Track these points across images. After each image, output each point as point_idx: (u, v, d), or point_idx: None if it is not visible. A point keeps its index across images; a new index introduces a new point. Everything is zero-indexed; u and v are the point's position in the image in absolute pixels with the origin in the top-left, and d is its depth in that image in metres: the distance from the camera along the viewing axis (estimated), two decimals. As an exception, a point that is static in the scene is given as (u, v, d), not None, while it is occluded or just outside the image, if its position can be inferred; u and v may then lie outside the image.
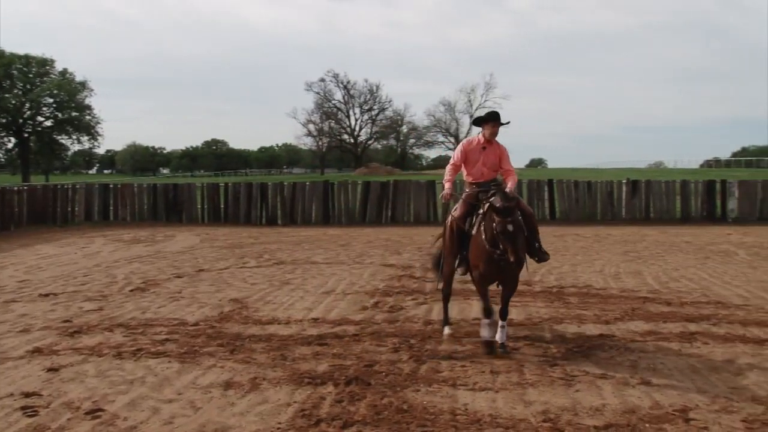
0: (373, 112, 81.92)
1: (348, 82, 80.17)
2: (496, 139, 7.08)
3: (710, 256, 13.82)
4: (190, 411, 5.06)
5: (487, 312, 6.62)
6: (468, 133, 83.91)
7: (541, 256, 6.79)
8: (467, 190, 7.09)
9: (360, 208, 23.39)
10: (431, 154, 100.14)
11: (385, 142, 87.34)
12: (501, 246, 6.12)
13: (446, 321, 7.38)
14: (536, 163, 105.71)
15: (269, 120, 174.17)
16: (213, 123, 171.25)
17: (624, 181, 23.27)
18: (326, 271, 12.05)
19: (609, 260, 13.19)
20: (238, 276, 11.47)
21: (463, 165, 7.18)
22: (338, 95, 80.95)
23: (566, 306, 8.75)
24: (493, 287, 6.84)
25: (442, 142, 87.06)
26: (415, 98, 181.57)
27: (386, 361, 6.25)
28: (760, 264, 12.58)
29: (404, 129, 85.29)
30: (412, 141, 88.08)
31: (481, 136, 7.09)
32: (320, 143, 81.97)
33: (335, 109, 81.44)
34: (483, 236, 6.44)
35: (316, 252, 14.98)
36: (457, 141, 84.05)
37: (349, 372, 5.91)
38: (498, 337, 6.58)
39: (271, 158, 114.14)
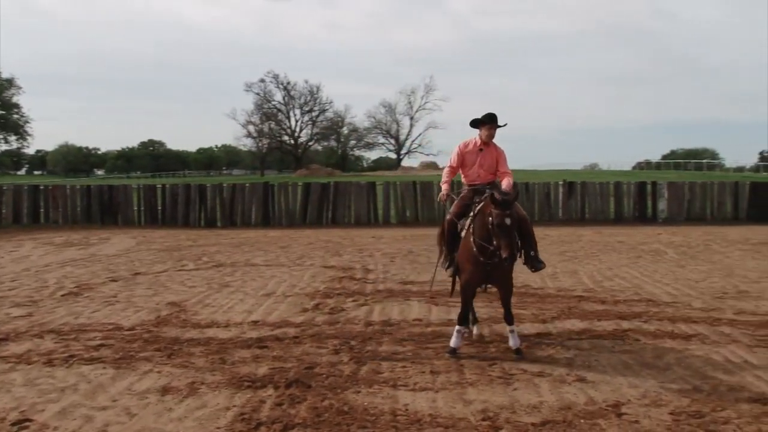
0: (314, 114, 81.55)
1: (288, 83, 79.60)
2: (494, 141, 7.00)
3: (642, 255, 14.27)
4: (125, 418, 4.93)
5: (463, 319, 6.54)
6: (408, 135, 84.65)
7: (536, 264, 6.71)
8: (463, 192, 7.01)
9: (300, 209, 23.27)
10: (372, 155, 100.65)
11: (325, 144, 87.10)
12: (494, 241, 5.93)
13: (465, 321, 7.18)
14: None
15: (208, 121, 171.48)
16: (150, 123, 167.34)
17: (561, 182, 23.80)
18: (266, 273, 11.94)
19: (546, 260, 13.40)
20: (175, 279, 11.25)
21: (459, 167, 7.09)
22: (278, 96, 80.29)
23: (505, 305, 8.87)
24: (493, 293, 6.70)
25: (383, 144, 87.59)
26: (355, 100, 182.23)
27: (327, 363, 6.23)
28: (687, 262, 13.06)
29: (345, 130, 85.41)
30: (352, 142, 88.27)
31: (477, 138, 6.97)
32: (260, 144, 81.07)
33: (275, 110, 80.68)
34: (471, 237, 6.35)
35: (256, 254, 14.82)
36: (398, 142, 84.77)
37: (290, 374, 5.87)
38: (511, 342, 6.50)
39: (210, 159, 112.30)
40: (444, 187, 6.97)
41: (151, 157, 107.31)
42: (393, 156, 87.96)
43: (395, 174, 55.91)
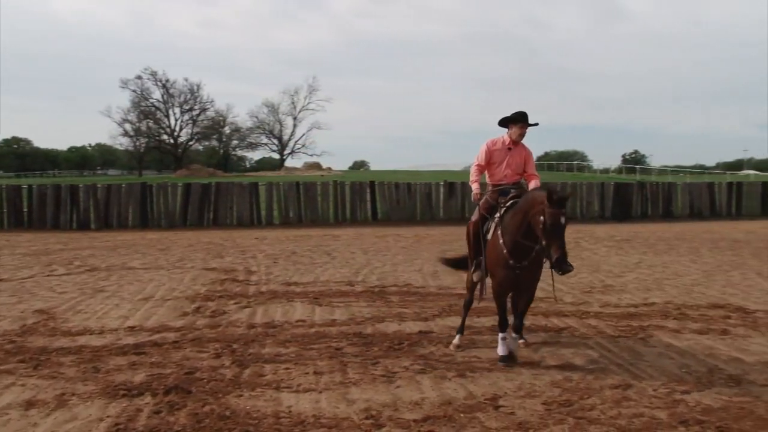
0: (194, 113, 79.03)
1: (167, 80, 76.64)
2: (522, 141, 6.81)
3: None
4: (-14, 435, 4.60)
5: (504, 325, 6.32)
6: (291, 135, 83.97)
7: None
8: (488, 192, 6.77)
9: (181, 210, 22.61)
10: (255, 155, 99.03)
11: (207, 144, 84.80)
12: (545, 242, 5.62)
13: (461, 329, 7.12)
14: (359, 165, 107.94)
15: (80, 118, 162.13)
16: (14, 120, 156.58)
17: (441, 183, 24.41)
18: (144, 276, 11.49)
19: (428, 259, 13.77)
20: (44, 285, 10.61)
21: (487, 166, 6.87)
22: (157, 94, 77.11)
23: (388, 305, 9.01)
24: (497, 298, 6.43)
25: (266, 144, 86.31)
26: (237, 99, 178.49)
27: (208, 368, 6.08)
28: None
29: (227, 130, 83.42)
30: (235, 142, 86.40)
31: (506, 136, 6.76)
32: (138, 144, 77.83)
33: (153, 108, 77.56)
34: (500, 240, 6.14)
35: (134, 257, 14.24)
36: (281, 143, 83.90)
37: (169, 381, 5.68)
38: (500, 350, 6.34)
39: (83, 159, 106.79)
40: (475, 187, 6.76)
41: (16, 155, 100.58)
42: (276, 156, 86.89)
43: (279, 174, 55.34)
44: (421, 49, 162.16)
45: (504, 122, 6.74)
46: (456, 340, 6.93)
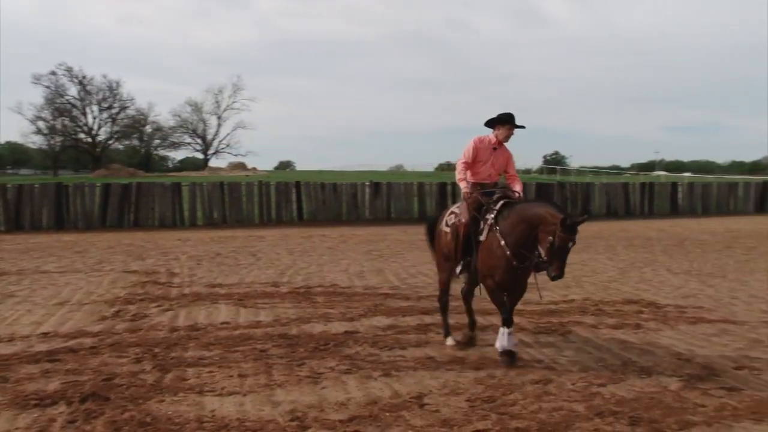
0: (114, 111, 76.35)
1: (84, 77, 73.69)
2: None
3: (443, 252, 15.05)
4: None
5: (510, 321, 6.32)
6: (216, 134, 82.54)
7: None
8: (470, 191, 6.75)
9: (99, 211, 21.88)
10: (178, 155, 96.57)
11: (127, 143, 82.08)
12: (547, 258, 5.81)
13: (447, 332, 7.10)
14: (285, 166, 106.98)
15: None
16: None
17: (367, 183, 24.48)
18: (60, 280, 11.05)
19: (354, 259, 13.79)
20: (-51, 290, 10.07)
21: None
22: (73, 91, 74.19)
23: (313, 305, 8.96)
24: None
25: (189, 144, 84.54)
26: (159, 97, 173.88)
27: (127, 373, 5.90)
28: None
29: (148, 129, 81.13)
30: (157, 142, 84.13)
31: (493, 136, 6.84)
32: (52, 142, 74.74)
33: (69, 106, 74.60)
34: (502, 242, 6.13)
35: (48, 260, 13.68)
36: (205, 142, 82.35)
37: (85, 388, 5.47)
38: (502, 344, 6.34)
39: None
40: (464, 185, 6.80)
41: None
42: (200, 156, 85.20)
43: (202, 175, 54.29)
44: (346, 50, 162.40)
45: (491, 123, 6.85)
46: (449, 341, 6.98)
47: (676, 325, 7.90)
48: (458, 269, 6.80)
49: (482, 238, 6.40)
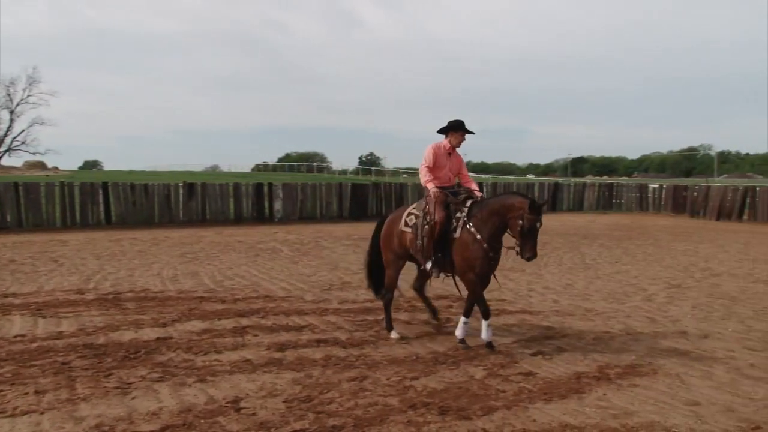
0: None
1: None
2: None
3: (260, 253, 14.93)
4: None
5: (487, 313, 6.95)
6: (9, 130, 75.38)
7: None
8: (436, 194, 7.15)
9: None
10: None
11: None
12: (519, 241, 6.52)
13: (390, 326, 7.54)
14: (91, 165, 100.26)
15: None
16: None
17: (181, 184, 23.60)
18: None
19: (167, 263, 13.24)
20: None
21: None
22: None
23: (123, 312, 8.49)
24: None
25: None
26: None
27: None
28: (300, 259, 14.07)
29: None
30: (-62, 136, 75.15)
31: (446, 142, 7.35)
32: None
33: None
34: (478, 236, 6.74)
35: None
36: (-4, 138, 74.80)
37: None
38: (486, 335, 6.95)
39: None
40: (431, 186, 7.22)
41: None
42: (-9, 153, 77.36)
43: (-6, 173, 49.33)
44: (157, 45, 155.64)
45: (444, 130, 7.41)
46: (394, 334, 7.39)
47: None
48: (428, 265, 7.21)
49: (456, 235, 6.97)
